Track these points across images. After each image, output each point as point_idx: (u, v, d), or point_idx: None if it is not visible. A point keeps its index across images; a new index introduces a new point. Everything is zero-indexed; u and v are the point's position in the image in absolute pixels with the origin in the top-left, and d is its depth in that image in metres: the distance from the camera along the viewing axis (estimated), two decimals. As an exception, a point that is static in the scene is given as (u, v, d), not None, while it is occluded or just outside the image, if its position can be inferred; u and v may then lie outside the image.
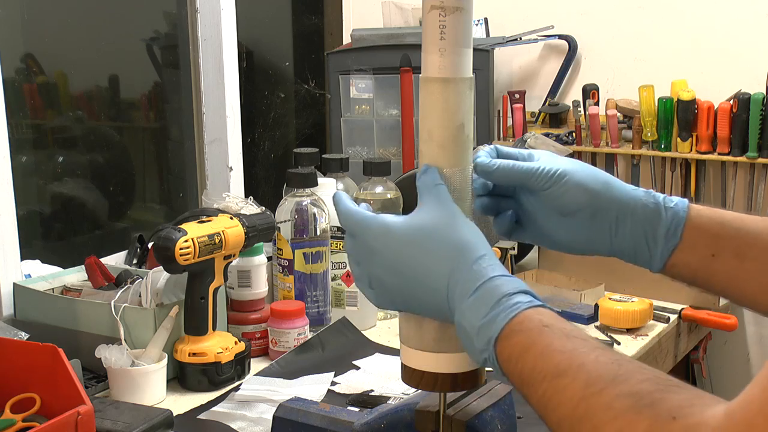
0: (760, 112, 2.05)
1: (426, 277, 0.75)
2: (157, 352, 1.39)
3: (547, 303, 0.72)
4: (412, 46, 2.30)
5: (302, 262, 1.63)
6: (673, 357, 1.81)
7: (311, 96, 2.64)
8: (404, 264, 0.76)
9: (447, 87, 0.80)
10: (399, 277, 0.76)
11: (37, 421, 1.15)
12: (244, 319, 1.58)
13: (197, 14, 2.05)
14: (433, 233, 0.75)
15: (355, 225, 0.79)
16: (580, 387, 0.63)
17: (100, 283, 1.56)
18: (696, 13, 2.23)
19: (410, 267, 0.75)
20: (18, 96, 1.87)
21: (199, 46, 2.06)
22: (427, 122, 0.81)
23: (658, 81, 2.17)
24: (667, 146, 2.18)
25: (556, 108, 2.36)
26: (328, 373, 1.47)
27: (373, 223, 0.78)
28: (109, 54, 2.12)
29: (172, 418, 1.28)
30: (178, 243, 1.35)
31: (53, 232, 2.01)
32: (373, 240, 0.77)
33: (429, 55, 0.80)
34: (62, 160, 2.01)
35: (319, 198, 1.65)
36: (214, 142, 2.10)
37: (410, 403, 0.93)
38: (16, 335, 1.40)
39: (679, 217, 0.83)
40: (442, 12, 0.78)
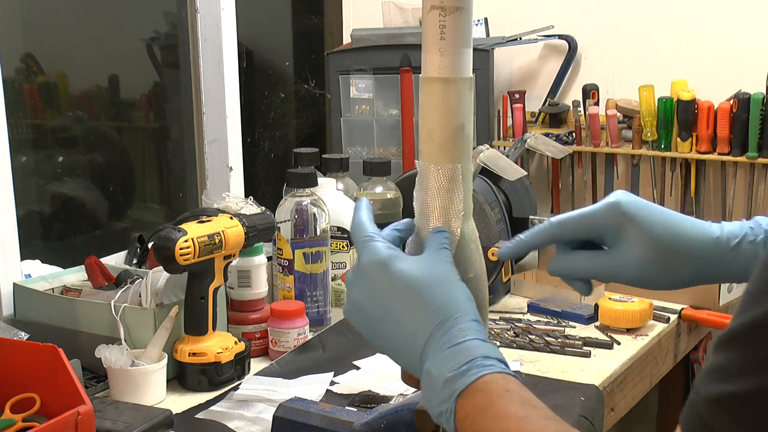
0: (760, 112, 2.05)
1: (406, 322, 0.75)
2: (157, 352, 1.39)
3: (546, 304, 0.72)
4: (412, 46, 2.30)
5: (302, 262, 1.63)
6: (673, 357, 1.81)
7: (311, 96, 2.63)
8: (388, 303, 0.76)
9: (447, 87, 0.79)
10: (378, 310, 0.76)
11: (37, 421, 1.15)
12: (244, 319, 1.58)
13: (197, 14, 2.05)
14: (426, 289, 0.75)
15: (359, 243, 0.80)
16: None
17: (100, 283, 1.56)
18: (696, 13, 2.23)
19: (393, 308, 0.75)
20: (18, 96, 1.87)
21: (199, 46, 2.06)
22: (427, 122, 0.81)
23: (658, 81, 2.17)
24: (667, 146, 2.18)
25: (556, 108, 2.36)
26: (328, 373, 1.47)
27: (373, 251, 0.78)
28: (109, 54, 2.12)
29: (172, 418, 1.28)
30: (178, 243, 1.35)
31: (53, 232, 2.01)
32: (368, 266, 0.77)
33: (429, 55, 0.80)
34: (62, 160, 2.01)
35: (319, 198, 1.65)
36: (214, 142, 2.10)
37: (410, 403, 0.93)
38: (16, 335, 1.40)
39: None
40: (442, 12, 0.78)
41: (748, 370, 0.50)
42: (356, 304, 0.78)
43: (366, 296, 0.77)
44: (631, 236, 0.80)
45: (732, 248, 0.80)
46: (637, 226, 0.80)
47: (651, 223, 0.80)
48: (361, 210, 0.82)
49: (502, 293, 1.87)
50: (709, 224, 0.81)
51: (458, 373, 0.70)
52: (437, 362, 0.71)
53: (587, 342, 1.62)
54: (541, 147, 2.16)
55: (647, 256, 0.79)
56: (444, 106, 0.80)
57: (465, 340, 0.72)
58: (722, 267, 0.80)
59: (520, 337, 1.64)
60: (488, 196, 1.91)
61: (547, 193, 2.41)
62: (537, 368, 1.52)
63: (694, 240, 0.80)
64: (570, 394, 1.40)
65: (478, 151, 1.92)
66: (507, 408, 0.67)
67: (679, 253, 0.80)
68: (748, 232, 0.81)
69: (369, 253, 0.78)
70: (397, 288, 0.75)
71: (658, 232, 0.80)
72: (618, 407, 1.57)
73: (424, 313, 0.74)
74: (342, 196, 1.75)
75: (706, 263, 0.80)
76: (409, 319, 0.74)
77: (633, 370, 1.61)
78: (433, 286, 0.75)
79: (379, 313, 0.76)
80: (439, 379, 0.71)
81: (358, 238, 0.80)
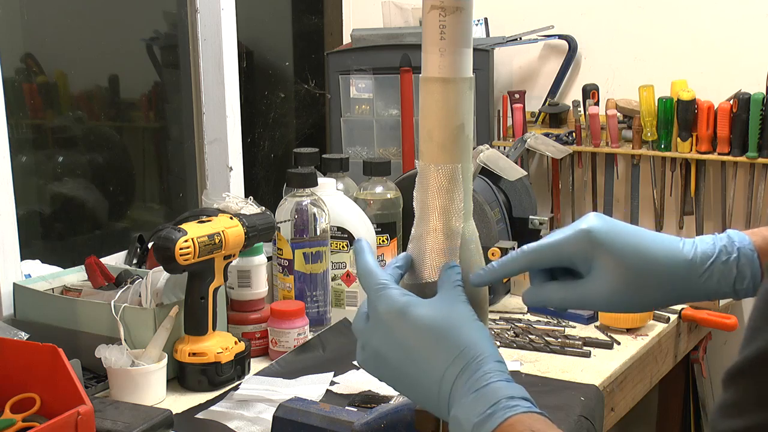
0: (760, 112, 2.05)
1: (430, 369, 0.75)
2: (157, 352, 1.39)
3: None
4: (412, 46, 2.30)
5: (302, 262, 1.63)
6: (673, 357, 1.81)
7: (311, 96, 2.63)
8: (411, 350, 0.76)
9: (447, 87, 0.79)
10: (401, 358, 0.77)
11: (37, 421, 1.15)
12: (244, 319, 1.58)
13: (197, 14, 2.05)
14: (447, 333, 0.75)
15: (372, 292, 0.79)
16: None
17: (100, 283, 1.56)
18: (696, 13, 2.23)
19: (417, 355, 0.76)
20: (18, 96, 1.86)
21: (199, 46, 2.06)
22: (427, 122, 0.81)
23: (658, 81, 2.17)
24: (667, 146, 2.18)
25: (556, 108, 2.36)
26: (328, 373, 1.47)
27: (390, 300, 0.78)
28: (109, 54, 2.12)
29: (172, 418, 1.28)
30: (178, 243, 1.35)
31: (53, 232, 2.01)
32: (386, 314, 0.77)
33: (429, 55, 0.80)
34: (62, 160, 2.01)
35: (319, 198, 1.65)
36: (214, 142, 2.10)
37: (410, 403, 0.93)
38: (16, 335, 1.40)
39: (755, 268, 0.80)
40: (442, 12, 0.78)
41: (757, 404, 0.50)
42: (376, 354, 0.78)
43: (386, 345, 0.77)
44: (602, 265, 0.79)
45: (705, 272, 0.79)
46: (608, 256, 0.79)
47: (622, 251, 0.79)
48: (365, 254, 0.82)
49: (502, 293, 1.87)
50: (682, 245, 0.80)
51: (484, 418, 0.70)
52: (463, 408, 0.72)
53: (587, 342, 1.62)
54: (541, 147, 2.16)
55: (618, 285, 0.79)
56: (444, 106, 0.80)
57: (489, 383, 0.72)
58: (693, 289, 0.80)
59: (520, 337, 1.64)
60: (488, 196, 1.91)
61: (547, 193, 2.41)
62: (537, 368, 1.52)
63: (666, 265, 0.79)
64: (570, 394, 1.40)
65: (478, 151, 1.92)
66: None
67: (650, 280, 0.79)
68: (721, 251, 0.80)
69: (385, 301, 0.78)
70: (418, 335, 0.76)
71: (630, 260, 0.79)
72: (618, 407, 1.57)
73: (447, 359, 0.74)
74: (342, 196, 1.75)
75: (677, 287, 0.80)
76: (432, 365, 0.75)
77: (633, 370, 1.61)
78: (452, 329, 0.75)
79: (401, 362, 0.77)
80: (467, 425, 0.71)
81: (371, 287, 0.79)
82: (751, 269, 0.79)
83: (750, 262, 0.79)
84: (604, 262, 0.79)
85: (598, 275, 0.79)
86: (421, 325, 0.76)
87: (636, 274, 0.79)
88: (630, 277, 0.79)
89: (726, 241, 0.80)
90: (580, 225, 0.80)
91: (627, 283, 0.79)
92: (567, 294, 0.81)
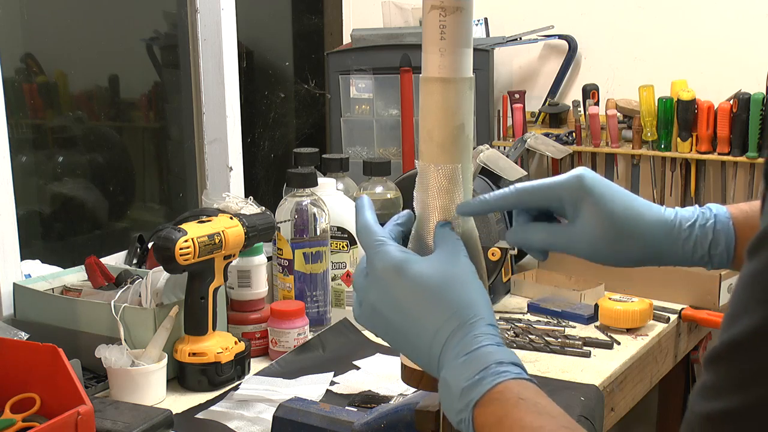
0: (760, 112, 2.05)
1: (423, 328, 0.75)
2: (157, 352, 1.39)
3: (546, 304, 0.72)
4: (412, 46, 2.30)
5: (302, 262, 1.63)
6: (673, 357, 1.81)
7: (311, 96, 2.63)
8: (406, 307, 0.76)
9: (447, 87, 0.79)
10: (395, 314, 0.76)
11: (37, 421, 1.15)
12: (244, 319, 1.58)
13: (197, 14, 2.05)
14: (444, 289, 0.75)
15: (370, 247, 0.79)
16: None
17: (100, 283, 1.56)
18: (696, 13, 2.23)
19: (411, 313, 0.76)
20: (18, 96, 1.87)
21: (199, 46, 2.06)
22: (427, 122, 0.81)
23: (658, 81, 2.17)
24: (667, 146, 2.18)
25: (556, 108, 2.36)
26: (328, 373, 1.47)
27: (387, 255, 0.78)
28: (109, 54, 2.12)
29: (172, 418, 1.28)
30: (178, 243, 1.35)
31: (53, 232, 2.01)
32: (383, 271, 0.77)
33: (429, 55, 0.80)
34: (62, 160, 2.01)
35: (319, 198, 1.65)
36: (214, 142, 2.10)
37: (410, 403, 0.93)
38: (16, 335, 1.40)
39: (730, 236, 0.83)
40: (442, 12, 0.78)
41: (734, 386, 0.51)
42: (373, 309, 0.78)
43: (382, 301, 0.77)
44: (589, 211, 0.81)
45: (683, 232, 0.83)
46: (595, 202, 0.81)
47: (609, 200, 0.82)
48: (365, 210, 0.82)
49: (502, 293, 1.87)
50: (664, 208, 0.84)
51: (473, 383, 0.70)
52: (453, 371, 0.72)
53: (587, 342, 1.62)
54: (541, 147, 2.16)
55: (601, 233, 0.81)
56: (444, 106, 0.80)
57: (480, 346, 0.72)
58: (672, 251, 0.83)
59: (520, 337, 1.64)
60: (488, 196, 1.91)
61: (547, 193, 2.40)
62: (537, 368, 1.52)
63: (648, 222, 0.82)
64: (570, 394, 1.40)
65: (478, 151, 1.92)
66: (522, 419, 0.68)
67: (632, 234, 0.82)
68: (699, 216, 0.83)
69: (383, 257, 0.78)
70: (414, 292, 0.76)
71: (615, 210, 0.81)
72: (618, 407, 1.57)
73: (440, 318, 0.74)
74: (342, 196, 1.75)
75: (656, 246, 0.83)
76: (426, 324, 0.75)
77: (633, 370, 1.61)
78: (449, 287, 0.75)
79: (397, 318, 0.76)
80: (456, 389, 0.71)
81: (369, 242, 0.79)
82: (726, 237, 0.83)
83: (725, 229, 0.83)
84: (592, 210, 0.81)
85: (584, 221, 0.82)
86: (418, 282, 0.75)
87: (621, 227, 0.82)
88: (615, 228, 0.82)
89: (704, 209, 0.85)
90: (574, 172, 0.83)
91: (611, 233, 0.82)
92: (551, 236, 0.84)
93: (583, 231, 0.82)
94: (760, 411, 0.50)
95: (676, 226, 0.83)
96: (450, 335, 0.73)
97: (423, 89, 0.81)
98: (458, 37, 0.79)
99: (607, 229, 0.81)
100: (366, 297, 0.79)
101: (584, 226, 0.82)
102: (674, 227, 0.83)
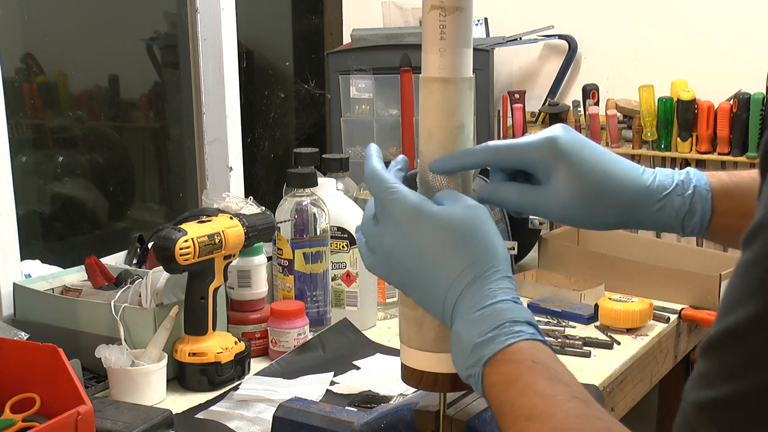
0: (760, 112, 2.05)
1: (441, 274, 0.73)
2: (157, 352, 1.39)
3: (546, 304, 0.72)
4: (412, 46, 2.30)
5: (302, 262, 1.63)
6: (673, 357, 1.81)
7: (311, 96, 2.64)
8: (426, 251, 0.74)
9: (447, 87, 0.79)
10: (413, 259, 0.75)
11: (37, 421, 1.15)
12: (244, 319, 1.58)
13: (197, 14, 2.05)
14: (467, 232, 0.74)
15: (383, 193, 0.78)
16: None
17: (100, 283, 1.56)
18: (696, 13, 2.23)
19: (431, 258, 0.74)
20: (18, 96, 1.87)
21: (199, 46, 2.06)
22: (427, 122, 0.81)
23: (658, 81, 2.17)
24: (667, 146, 2.18)
25: (556, 108, 2.36)
26: (328, 373, 1.47)
27: (406, 200, 0.76)
28: (109, 54, 2.12)
29: (172, 418, 1.28)
30: (178, 243, 1.35)
31: (53, 232, 2.02)
32: (402, 215, 0.75)
33: (429, 55, 0.80)
34: (62, 160, 2.01)
35: (319, 198, 1.65)
36: (214, 142, 2.10)
37: (410, 403, 0.93)
38: (16, 335, 1.40)
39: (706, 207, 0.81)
40: (442, 12, 0.78)
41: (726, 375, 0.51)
42: (389, 255, 0.76)
43: (400, 246, 0.75)
44: (562, 175, 0.79)
45: (660, 199, 0.80)
46: (569, 167, 0.79)
47: (583, 164, 0.79)
48: (373, 158, 0.81)
49: (502, 293, 1.86)
50: (642, 171, 0.81)
51: (486, 340, 0.69)
52: (466, 325, 0.71)
53: (587, 342, 1.62)
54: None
55: (574, 198, 0.79)
56: (444, 106, 0.80)
57: (494, 301, 0.71)
58: (647, 216, 0.81)
59: (520, 337, 1.63)
60: (488, 196, 1.91)
61: (547, 193, 2.40)
62: (537, 368, 1.52)
63: (623, 187, 0.80)
64: (570, 394, 1.40)
65: (478, 151, 1.92)
66: (535, 383, 0.67)
67: (607, 199, 0.79)
68: (678, 185, 0.81)
69: (399, 201, 0.76)
70: (435, 235, 0.74)
71: (589, 174, 0.79)
72: (618, 407, 1.57)
73: (459, 265, 0.73)
74: (342, 196, 1.75)
75: (631, 211, 0.80)
76: (443, 272, 0.73)
77: (633, 370, 1.61)
78: (472, 230, 0.74)
79: (414, 263, 0.75)
80: (468, 344, 0.70)
81: (382, 189, 0.78)
82: (702, 208, 0.81)
83: (702, 200, 0.81)
84: (563, 173, 0.79)
85: (556, 185, 0.79)
86: (439, 225, 0.74)
87: (593, 190, 0.79)
88: (587, 191, 0.79)
89: (684, 176, 0.82)
90: (548, 132, 0.80)
91: (583, 197, 0.79)
92: (523, 196, 0.81)
93: (556, 195, 0.80)
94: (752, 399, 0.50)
95: (652, 192, 0.80)
96: (467, 286, 0.72)
97: (423, 89, 0.81)
98: (458, 37, 0.79)
99: (580, 194, 0.79)
100: (381, 243, 0.77)
101: (557, 189, 0.79)
102: (650, 193, 0.80)
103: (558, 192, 0.79)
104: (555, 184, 0.79)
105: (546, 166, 0.80)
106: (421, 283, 0.75)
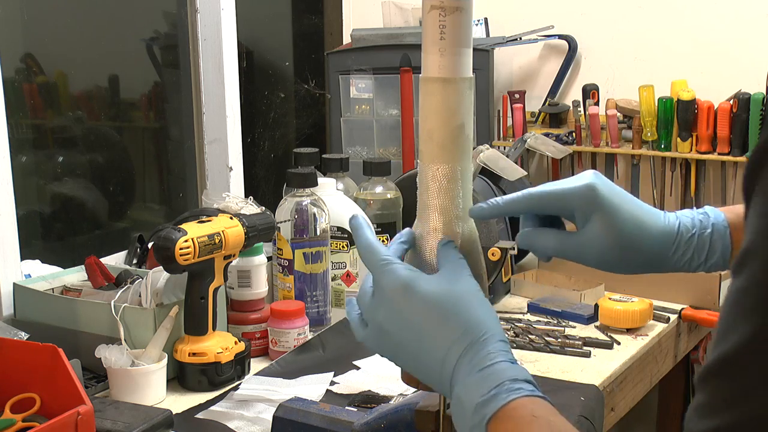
0: (760, 112, 2.05)
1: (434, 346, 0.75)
2: (157, 352, 1.39)
3: (546, 304, 0.72)
4: (412, 46, 2.30)
5: (302, 262, 1.63)
6: (673, 357, 1.81)
7: (311, 96, 2.63)
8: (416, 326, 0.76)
9: (447, 87, 0.79)
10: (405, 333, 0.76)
11: (37, 421, 1.15)
12: (244, 319, 1.58)
13: (197, 14, 2.05)
14: (452, 309, 0.75)
15: (376, 267, 0.79)
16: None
17: (100, 283, 1.56)
18: (696, 13, 2.23)
19: (421, 331, 0.75)
20: (18, 96, 1.87)
21: (199, 46, 2.06)
22: (427, 122, 0.81)
23: (658, 81, 2.17)
24: (667, 146, 2.18)
25: (556, 108, 2.36)
26: (328, 373, 1.47)
27: (394, 274, 0.77)
28: (109, 54, 2.12)
29: (172, 418, 1.28)
30: (178, 243, 1.35)
31: (53, 232, 2.01)
32: (391, 290, 0.77)
33: (429, 55, 0.80)
34: (62, 160, 2.01)
35: (319, 198, 1.65)
36: (214, 142, 2.10)
37: (410, 403, 0.93)
38: (16, 335, 1.40)
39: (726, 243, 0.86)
40: (442, 12, 0.78)
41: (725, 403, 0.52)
42: (380, 329, 0.78)
43: (391, 321, 0.77)
44: (599, 223, 0.84)
45: (684, 244, 0.86)
46: (607, 215, 0.84)
47: (619, 212, 0.84)
48: (364, 230, 0.82)
49: (502, 293, 1.87)
50: (664, 215, 0.87)
51: (487, 399, 0.70)
52: (466, 388, 0.72)
53: (587, 342, 1.62)
54: (541, 147, 2.16)
55: (611, 245, 0.84)
56: (444, 106, 0.80)
57: (493, 363, 0.72)
58: (672, 259, 0.87)
59: (520, 337, 1.64)
60: (488, 196, 1.91)
61: (547, 193, 2.40)
62: (537, 368, 1.52)
63: (653, 235, 0.85)
64: (570, 394, 1.40)
65: (478, 151, 1.92)
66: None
67: (639, 246, 0.85)
68: (698, 225, 0.87)
69: (389, 277, 0.77)
70: (423, 311, 0.76)
71: (625, 223, 0.84)
72: (618, 407, 1.57)
73: (451, 336, 0.74)
74: (342, 196, 1.75)
75: (660, 256, 0.86)
76: (437, 343, 0.75)
77: (633, 370, 1.61)
78: (458, 306, 0.75)
79: (405, 338, 0.76)
80: (469, 405, 0.71)
81: (374, 262, 0.79)
82: (722, 244, 0.86)
83: (722, 237, 0.86)
84: (602, 222, 0.84)
85: (594, 231, 0.84)
86: (426, 301, 0.76)
87: (629, 239, 0.84)
88: (623, 240, 0.84)
89: (702, 216, 0.88)
90: (585, 180, 0.85)
91: (619, 244, 0.84)
92: (562, 243, 0.86)
93: (593, 242, 0.84)
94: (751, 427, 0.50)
95: (678, 238, 0.86)
96: (463, 353, 0.73)
97: (423, 89, 0.81)
98: (458, 37, 0.79)
99: (616, 242, 0.84)
100: (373, 317, 0.78)
101: (594, 236, 0.84)
102: (676, 239, 0.86)
103: (594, 239, 0.84)
104: (593, 230, 0.84)
105: (584, 213, 0.84)
106: (415, 356, 0.77)
